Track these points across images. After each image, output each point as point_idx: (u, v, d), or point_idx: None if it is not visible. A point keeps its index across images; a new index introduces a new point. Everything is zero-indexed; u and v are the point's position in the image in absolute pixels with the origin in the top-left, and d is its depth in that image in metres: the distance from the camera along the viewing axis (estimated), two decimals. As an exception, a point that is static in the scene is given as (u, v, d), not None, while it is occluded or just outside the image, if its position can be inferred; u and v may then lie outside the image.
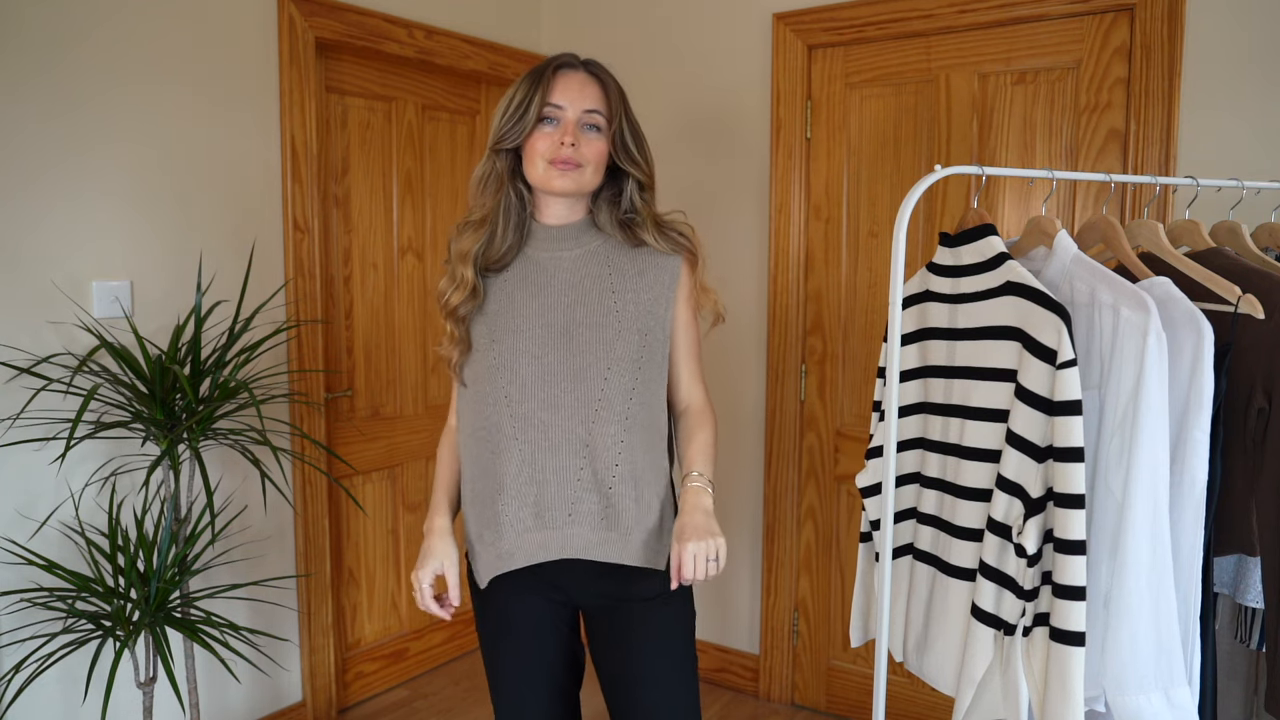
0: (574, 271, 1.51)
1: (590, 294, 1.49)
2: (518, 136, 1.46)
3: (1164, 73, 2.19)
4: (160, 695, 2.26)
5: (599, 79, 1.49)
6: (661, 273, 1.52)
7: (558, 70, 1.47)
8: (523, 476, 1.46)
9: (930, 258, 1.51)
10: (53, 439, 2.03)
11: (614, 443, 1.45)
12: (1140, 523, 1.26)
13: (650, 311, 1.49)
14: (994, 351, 1.36)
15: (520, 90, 1.46)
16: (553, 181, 1.46)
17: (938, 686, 1.49)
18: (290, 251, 2.52)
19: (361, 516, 2.88)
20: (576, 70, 1.48)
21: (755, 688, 2.95)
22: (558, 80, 1.46)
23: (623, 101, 1.50)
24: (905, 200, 1.28)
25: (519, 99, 1.45)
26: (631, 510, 1.46)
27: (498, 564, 1.49)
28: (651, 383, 1.50)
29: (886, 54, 2.59)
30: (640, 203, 1.52)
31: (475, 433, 1.51)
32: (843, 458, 2.75)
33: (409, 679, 3.06)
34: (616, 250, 1.52)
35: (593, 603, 1.54)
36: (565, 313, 1.48)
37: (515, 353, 1.48)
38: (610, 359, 1.46)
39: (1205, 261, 1.47)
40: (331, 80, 2.68)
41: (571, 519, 1.46)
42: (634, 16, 3.01)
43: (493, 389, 1.48)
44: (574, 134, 1.45)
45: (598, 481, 1.46)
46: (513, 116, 1.45)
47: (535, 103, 1.44)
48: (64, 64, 2.05)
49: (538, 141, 1.46)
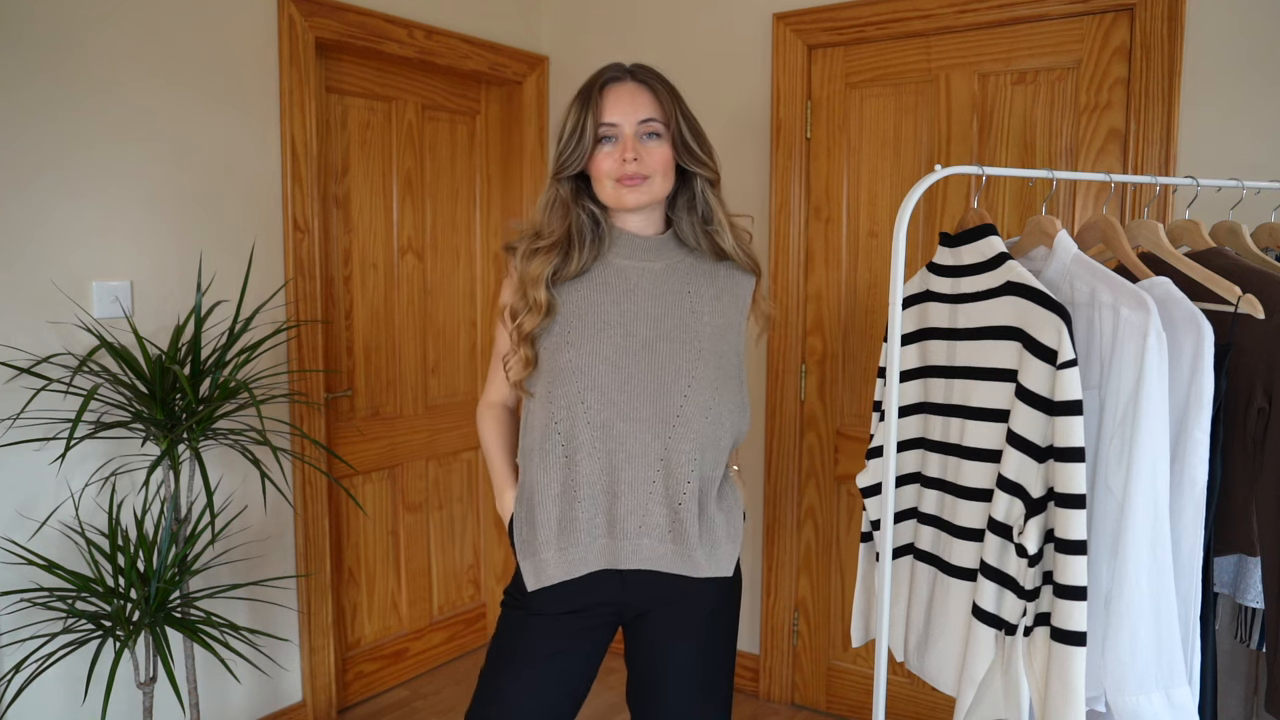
0: (658, 284, 1.50)
1: (674, 309, 1.49)
2: (580, 162, 1.46)
3: (1164, 73, 2.19)
4: (160, 695, 2.26)
5: (648, 85, 1.47)
6: (736, 298, 1.55)
7: (605, 86, 1.45)
8: (599, 485, 1.46)
9: (930, 258, 1.51)
10: (53, 439, 2.03)
11: (688, 460, 1.46)
12: (1140, 523, 1.26)
13: (725, 336, 1.51)
14: (994, 351, 1.36)
15: (572, 114, 1.45)
16: (624, 198, 1.46)
17: (939, 686, 1.49)
18: (290, 251, 2.52)
19: (361, 516, 2.88)
20: (624, 82, 1.46)
21: (755, 688, 2.95)
22: (607, 97, 1.44)
23: (676, 102, 1.49)
24: (905, 200, 1.28)
25: (572, 123, 1.44)
26: (696, 527, 1.47)
27: (567, 569, 1.48)
28: (727, 402, 1.51)
29: (887, 54, 2.59)
30: (715, 202, 1.53)
31: (546, 439, 1.48)
32: (843, 458, 2.75)
33: (409, 679, 3.06)
34: (697, 267, 1.54)
35: (649, 609, 1.54)
36: (650, 325, 1.47)
37: (594, 357, 1.45)
38: (691, 377, 1.46)
39: (1205, 261, 1.47)
40: (331, 80, 2.68)
41: (641, 530, 1.47)
42: (634, 16, 3.01)
43: (566, 392, 1.46)
44: (634, 148, 1.44)
45: (669, 497, 1.46)
46: (570, 142, 1.45)
47: (589, 125, 1.43)
48: (64, 64, 2.05)
49: (601, 162, 1.46)
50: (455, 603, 3.24)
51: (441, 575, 3.18)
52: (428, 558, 3.12)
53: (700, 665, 1.55)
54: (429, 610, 3.14)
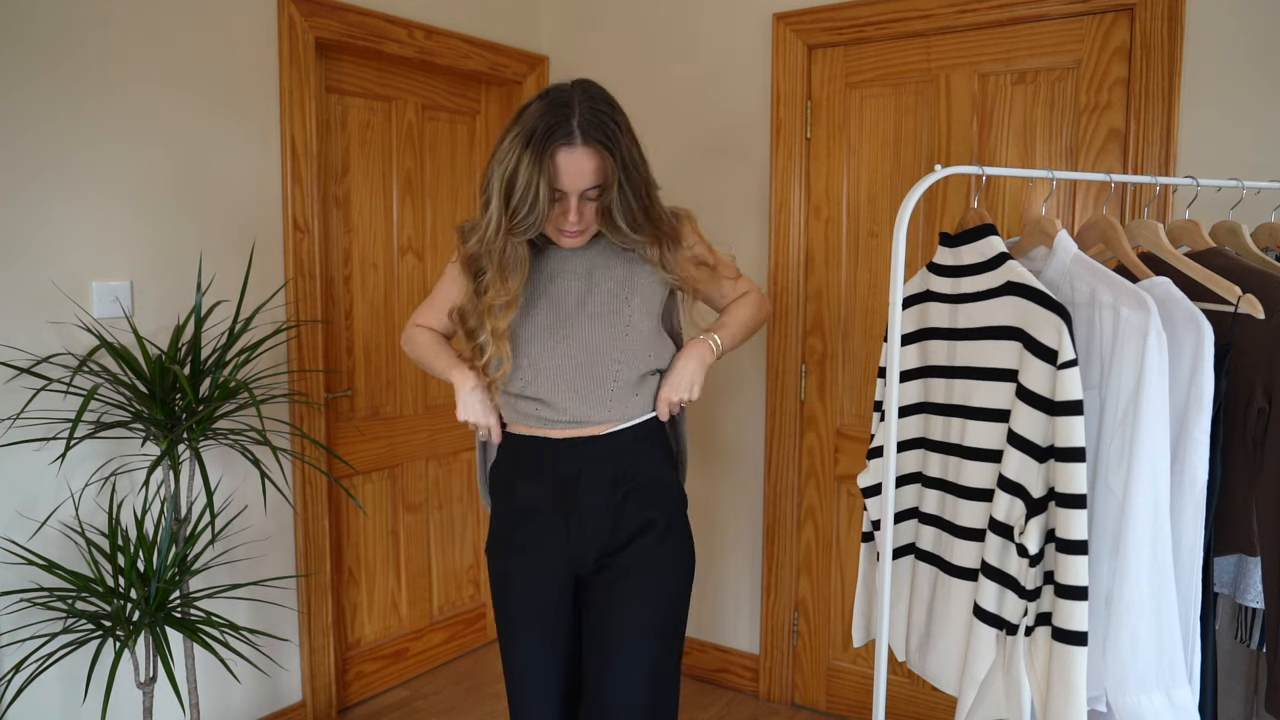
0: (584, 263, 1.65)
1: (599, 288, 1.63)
2: (536, 228, 1.50)
3: (1164, 73, 2.19)
4: (160, 695, 2.26)
5: (596, 150, 1.47)
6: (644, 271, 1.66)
7: (557, 150, 1.45)
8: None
9: (930, 258, 1.51)
10: (53, 439, 2.03)
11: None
12: (1141, 522, 1.26)
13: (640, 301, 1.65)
14: (995, 351, 1.36)
15: (524, 170, 1.44)
16: (561, 242, 1.58)
17: (940, 686, 1.50)
18: (290, 251, 2.52)
19: (361, 516, 2.88)
20: (574, 148, 1.45)
21: (755, 688, 2.95)
22: (560, 163, 1.46)
23: (619, 156, 1.49)
24: (905, 200, 1.28)
25: (524, 182, 1.44)
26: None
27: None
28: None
29: (887, 54, 2.59)
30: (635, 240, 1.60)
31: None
32: (843, 458, 2.75)
33: (409, 679, 3.06)
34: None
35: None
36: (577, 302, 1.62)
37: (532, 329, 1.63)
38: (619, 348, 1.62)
39: (1205, 261, 1.47)
40: (331, 80, 2.68)
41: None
42: (634, 16, 3.01)
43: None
44: (577, 209, 1.51)
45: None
46: (524, 202, 1.45)
47: (543, 191, 1.45)
48: (64, 65, 2.05)
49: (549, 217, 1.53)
50: (455, 603, 3.24)
51: (441, 575, 3.18)
52: (428, 558, 3.12)
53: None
54: (429, 610, 3.14)
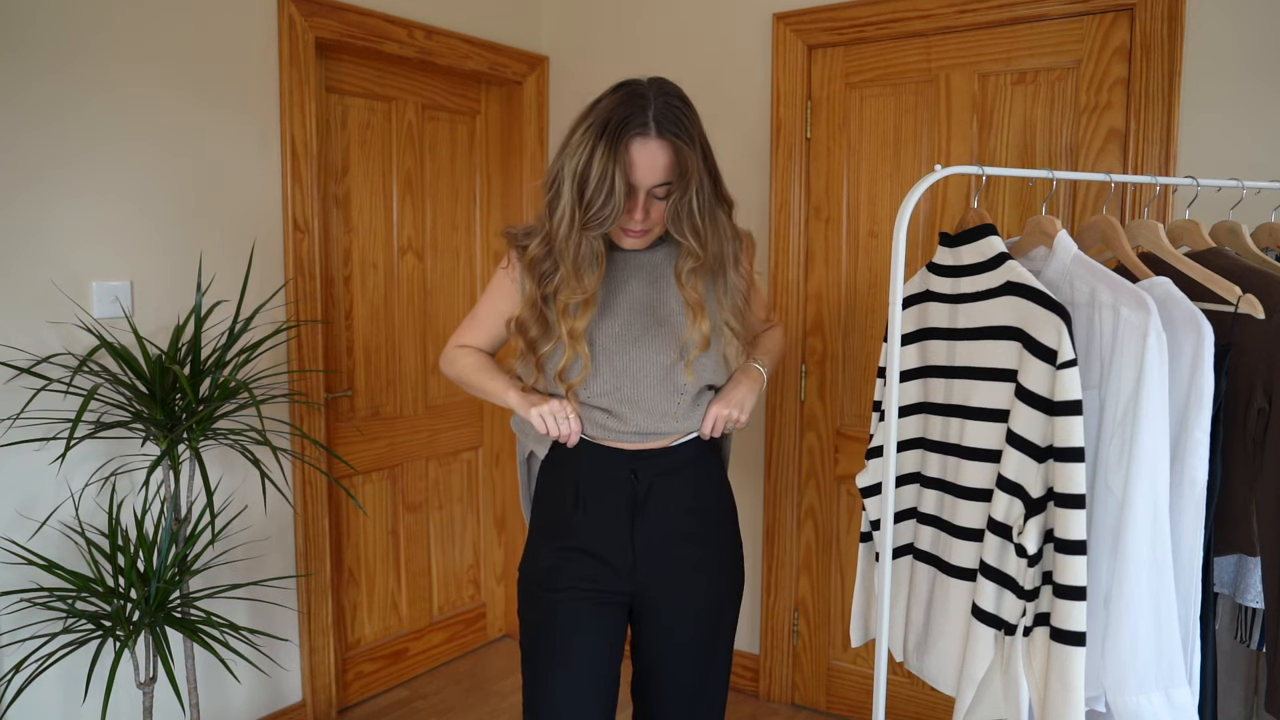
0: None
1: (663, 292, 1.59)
2: (612, 222, 1.41)
3: (1164, 73, 2.19)
4: (160, 695, 2.26)
5: (672, 144, 1.41)
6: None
7: (632, 140, 1.39)
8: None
9: (930, 258, 1.51)
10: (53, 439, 2.03)
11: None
12: (1140, 522, 1.26)
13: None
14: (994, 351, 1.36)
15: (598, 160, 1.37)
16: (623, 242, 1.53)
17: (938, 686, 1.49)
18: (290, 251, 2.52)
19: (361, 516, 2.88)
20: (648, 139, 1.40)
21: (755, 688, 2.95)
22: (634, 154, 1.40)
23: (694, 163, 1.42)
24: (905, 200, 1.28)
25: (598, 173, 1.37)
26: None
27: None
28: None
29: (886, 54, 2.59)
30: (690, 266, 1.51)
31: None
32: (843, 458, 2.75)
33: (409, 679, 3.06)
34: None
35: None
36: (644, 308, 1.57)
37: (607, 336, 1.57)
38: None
39: (1205, 261, 1.47)
40: (331, 80, 2.68)
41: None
42: (634, 16, 3.01)
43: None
44: (645, 207, 1.45)
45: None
46: (599, 194, 1.38)
47: (618, 182, 1.38)
48: (65, 66, 2.05)
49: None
50: (455, 603, 3.24)
51: (441, 575, 3.18)
52: (428, 558, 3.13)
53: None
54: (429, 610, 3.14)
